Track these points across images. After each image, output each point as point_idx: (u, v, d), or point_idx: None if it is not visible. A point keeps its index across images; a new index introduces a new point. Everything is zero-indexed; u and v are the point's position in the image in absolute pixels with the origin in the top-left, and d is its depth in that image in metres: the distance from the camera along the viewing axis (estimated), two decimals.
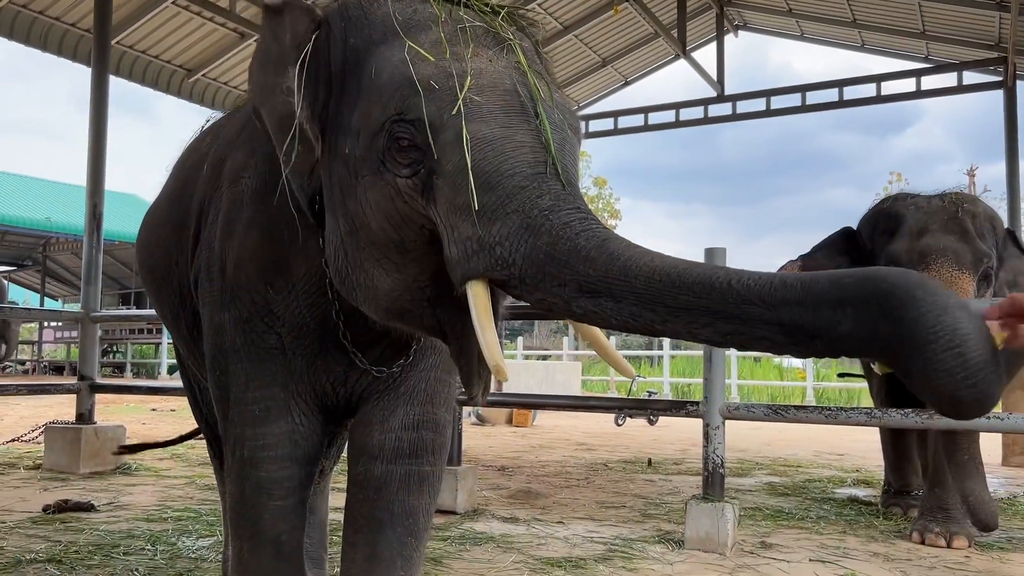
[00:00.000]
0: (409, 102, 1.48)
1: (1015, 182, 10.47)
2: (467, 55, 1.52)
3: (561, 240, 1.35)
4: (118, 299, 23.85)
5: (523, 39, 1.66)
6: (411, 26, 1.59)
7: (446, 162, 1.45)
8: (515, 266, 1.39)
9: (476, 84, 1.48)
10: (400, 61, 1.53)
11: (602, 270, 1.32)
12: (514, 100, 1.49)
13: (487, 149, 1.43)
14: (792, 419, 3.93)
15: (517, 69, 1.54)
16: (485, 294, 1.44)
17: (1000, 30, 10.00)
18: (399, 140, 1.49)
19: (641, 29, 12.34)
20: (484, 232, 1.41)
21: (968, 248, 3.91)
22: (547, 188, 1.41)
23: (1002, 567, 3.54)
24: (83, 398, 5.91)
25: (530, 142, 1.45)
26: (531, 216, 1.39)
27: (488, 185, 1.42)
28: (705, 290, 1.25)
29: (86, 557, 3.32)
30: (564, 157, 1.48)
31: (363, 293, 1.62)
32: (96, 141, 6.41)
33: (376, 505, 1.94)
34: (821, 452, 7.92)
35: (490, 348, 1.42)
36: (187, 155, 2.49)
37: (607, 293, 1.32)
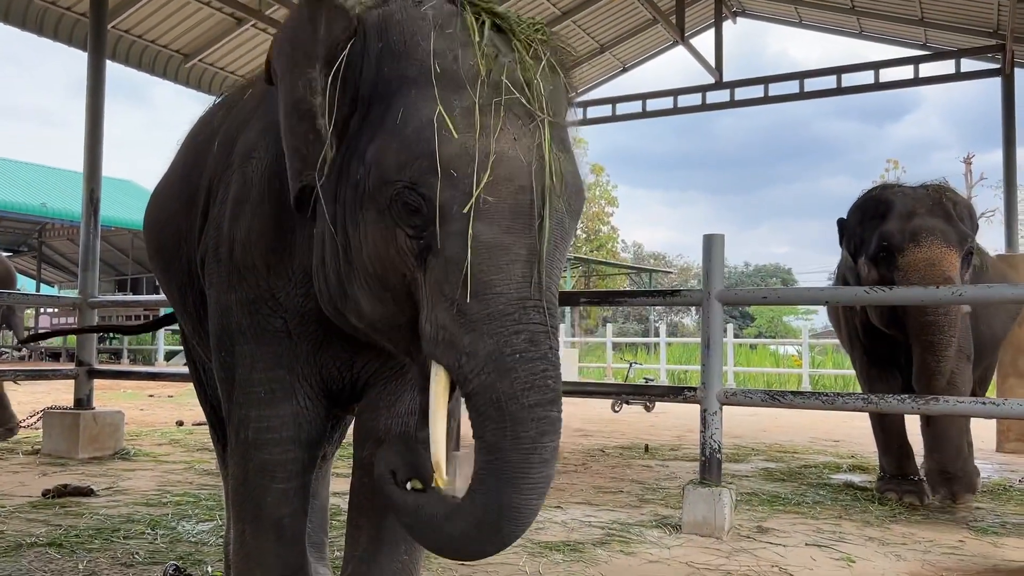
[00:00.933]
0: (426, 179, 1.47)
1: (1011, 170, 10.47)
2: (495, 129, 1.49)
3: (514, 402, 1.43)
4: (114, 285, 23.83)
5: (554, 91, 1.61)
6: (448, 77, 1.53)
7: (445, 251, 1.47)
8: (471, 384, 1.46)
9: (494, 175, 1.47)
10: (428, 122, 1.49)
11: (514, 456, 1.43)
12: (524, 200, 1.49)
13: (484, 256, 1.46)
14: (789, 405, 3.96)
15: (539, 153, 1.51)
16: (446, 380, 1.52)
17: (998, 17, 9.97)
18: (407, 204, 1.50)
19: (639, 15, 12.29)
20: (458, 335, 1.47)
21: (953, 229, 4.24)
22: (526, 323, 1.46)
23: (996, 551, 3.58)
24: (81, 384, 5.92)
25: (525, 256, 1.48)
26: (503, 352, 1.44)
27: (475, 293, 1.46)
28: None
29: (86, 541, 3.33)
30: (553, 264, 1.53)
31: (350, 304, 1.65)
32: (93, 127, 6.40)
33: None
34: (817, 438, 7.96)
35: (435, 442, 1.51)
36: (198, 130, 2.46)
37: (501, 471, 1.44)
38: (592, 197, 34.58)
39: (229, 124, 2.13)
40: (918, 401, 3.64)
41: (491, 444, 1.44)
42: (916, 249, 4.18)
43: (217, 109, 2.43)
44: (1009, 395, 6.66)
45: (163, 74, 9.97)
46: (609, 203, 34.95)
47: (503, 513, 1.44)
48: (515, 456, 1.43)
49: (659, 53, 13.64)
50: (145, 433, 7.07)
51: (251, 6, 9.15)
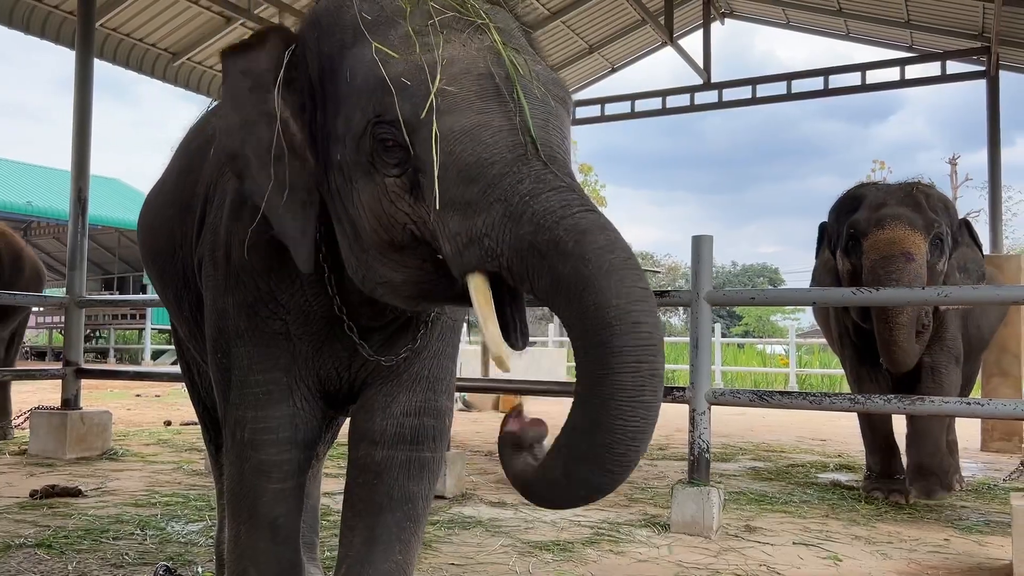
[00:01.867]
0: (384, 103, 1.47)
1: (996, 171, 10.56)
2: (437, 44, 1.50)
3: (542, 229, 1.34)
4: (101, 284, 23.66)
5: (499, 13, 1.63)
6: (379, 24, 1.57)
7: (427, 161, 1.44)
8: (503, 256, 1.39)
9: (448, 73, 1.46)
10: (371, 61, 1.51)
11: (571, 270, 1.31)
12: (488, 84, 1.47)
13: (465, 140, 1.42)
14: (777, 404, 3.99)
15: (491, 50, 1.51)
16: (485, 285, 1.43)
17: (983, 20, 10.06)
18: (382, 141, 1.49)
19: (628, 16, 12.32)
20: (471, 225, 1.41)
21: (920, 216, 4.28)
22: (527, 171, 1.40)
23: (980, 549, 3.62)
24: (69, 383, 5.89)
25: (507, 125, 1.43)
26: (512, 203, 1.38)
27: (470, 177, 1.41)
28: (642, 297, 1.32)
29: (75, 542, 3.32)
30: (549, 132, 1.47)
31: (384, 288, 1.62)
32: (81, 125, 6.36)
33: (376, 490, 1.96)
34: (804, 438, 8.01)
35: (492, 341, 1.43)
36: (192, 136, 2.47)
37: (575, 289, 1.31)
38: None
39: None
40: (904, 401, 3.68)
41: (554, 278, 1.32)
42: (879, 231, 4.24)
43: (211, 116, 2.43)
44: (993, 394, 6.73)
45: (151, 73, 9.93)
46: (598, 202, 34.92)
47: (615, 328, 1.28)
48: (587, 267, 1.30)
49: (648, 54, 13.69)
50: (133, 433, 7.04)
51: (240, 5, 9.12)
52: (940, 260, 4.34)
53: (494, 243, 1.39)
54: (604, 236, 1.34)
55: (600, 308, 1.29)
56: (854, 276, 4.41)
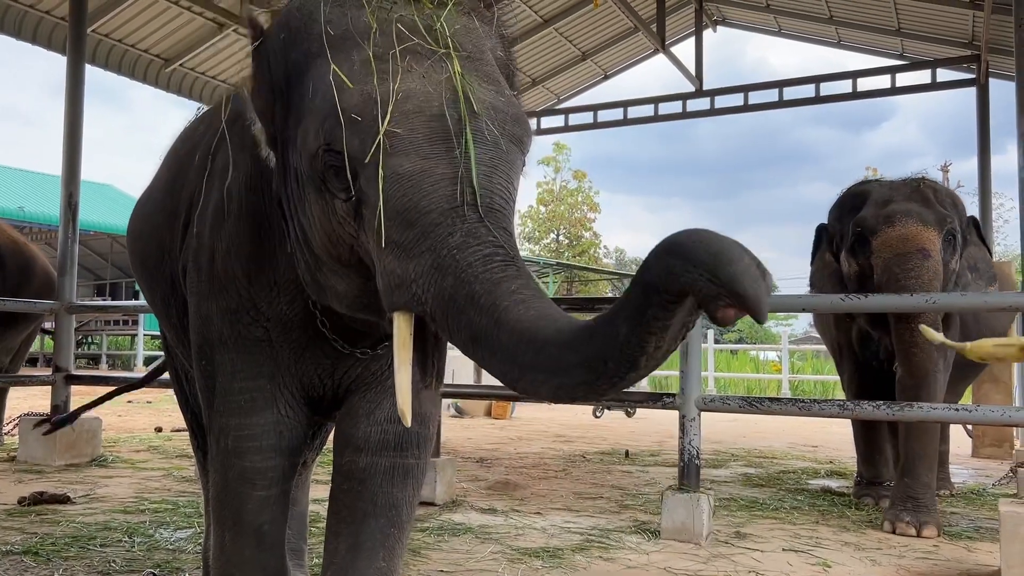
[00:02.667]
0: (334, 134, 1.48)
1: (987, 178, 10.60)
2: (396, 73, 1.48)
3: (462, 283, 1.36)
4: (93, 290, 23.57)
5: (471, 33, 1.60)
6: (344, 40, 1.56)
7: (369, 197, 1.46)
8: (427, 304, 1.40)
9: (401, 110, 1.45)
10: (328, 86, 1.51)
11: (484, 321, 1.32)
12: (439, 126, 1.46)
13: (407, 185, 1.43)
14: (767, 411, 3.99)
15: (451, 83, 1.49)
16: (407, 328, 1.46)
17: (974, 28, 10.12)
18: (331, 167, 1.50)
19: (621, 23, 12.35)
20: (404, 268, 1.42)
21: (931, 211, 4.09)
22: (459, 224, 1.40)
23: (969, 555, 3.62)
24: (58, 390, 5.87)
25: (450, 174, 1.43)
26: (440, 255, 1.39)
27: (407, 222, 1.42)
28: (543, 344, 1.26)
29: (63, 549, 3.30)
30: (492, 180, 1.46)
31: (328, 292, 1.66)
32: (72, 130, 6.34)
33: (360, 496, 1.96)
34: (795, 444, 8.02)
35: (401, 389, 1.46)
36: (180, 144, 2.48)
37: (485, 345, 1.33)
38: (575, 203, 34.67)
39: (210, 137, 2.14)
40: (893, 407, 3.68)
41: (466, 329, 1.34)
42: (890, 229, 4.06)
43: (199, 123, 2.45)
44: (984, 400, 6.75)
45: (143, 78, 9.90)
46: (591, 209, 35.03)
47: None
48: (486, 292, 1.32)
49: (640, 61, 13.72)
50: (123, 439, 7.01)
51: (232, 11, 9.11)
52: (953, 258, 4.16)
53: (420, 291, 1.41)
54: (516, 283, 1.35)
55: (511, 356, 1.30)
56: (861, 277, 4.23)
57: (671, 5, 11.92)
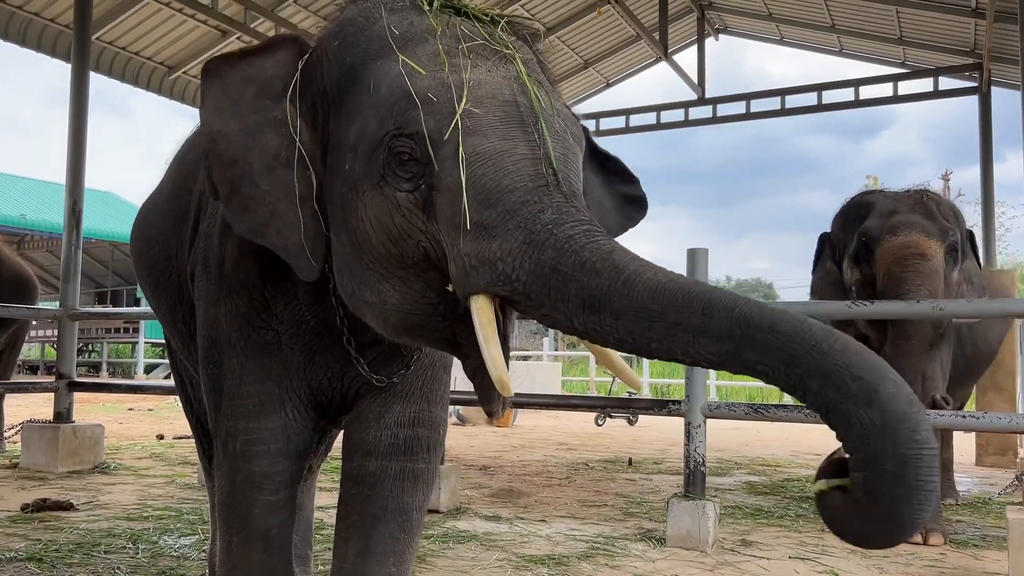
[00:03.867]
0: (407, 116, 1.47)
1: (989, 186, 10.63)
2: (465, 66, 1.51)
3: (566, 253, 1.34)
4: (94, 297, 23.58)
5: (523, 49, 1.64)
6: (408, 39, 1.58)
7: (445, 178, 1.44)
8: (519, 281, 1.38)
9: (475, 95, 1.47)
10: (397, 75, 1.51)
11: (606, 283, 1.30)
12: (513, 111, 1.47)
13: (487, 164, 1.42)
14: (773, 418, 3.98)
15: (516, 80, 1.52)
16: (489, 308, 1.43)
17: (976, 36, 10.15)
18: (399, 154, 1.48)
19: (623, 32, 12.40)
20: (485, 248, 1.39)
21: (934, 224, 4.14)
22: (549, 202, 1.40)
23: (976, 563, 3.61)
24: (61, 397, 5.86)
25: (530, 155, 1.44)
26: (534, 231, 1.37)
27: (489, 201, 1.41)
28: (710, 309, 1.23)
29: (66, 556, 3.29)
30: (566, 167, 1.47)
31: (371, 310, 1.60)
32: (76, 138, 6.36)
33: (370, 501, 1.95)
34: (799, 452, 8.00)
35: (494, 362, 1.41)
36: (187, 148, 2.46)
37: (608, 308, 1.30)
38: None
39: None
40: None
41: (580, 297, 1.32)
42: (893, 238, 4.10)
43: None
44: (988, 408, 6.73)
45: (147, 86, 9.95)
46: None
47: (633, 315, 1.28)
48: (603, 282, 1.30)
49: (642, 69, 13.77)
50: (125, 447, 7.00)
51: (236, 19, 9.15)
52: (954, 269, 4.20)
53: (510, 268, 1.38)
54: (629, 253, 1.35)
55: (647, 307, 1.27)
56: (864, 285, 4.27)
57: (673, 13, 11.97)
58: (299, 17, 9.68)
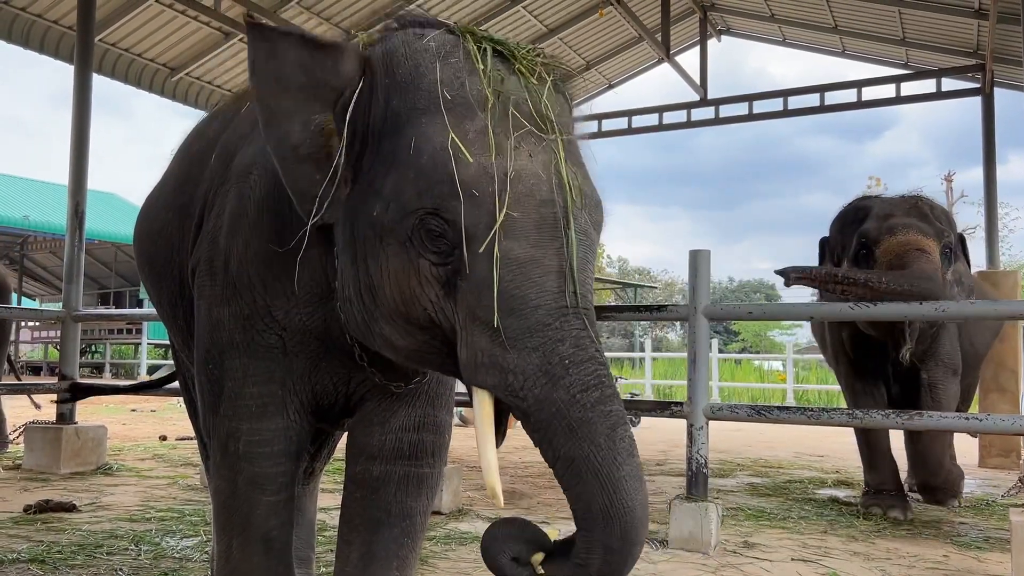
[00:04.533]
0: (448, 204, 1.48)
1: (992, 188, 10.61)
2: (510, 151, 1.50)
3: (576, 406, 1.42)
4: (97, 299, 23.62)
5: (562, 112, 1.64)
6: (458, 104, 1.55)
7: (474, 272, 1.47)
8: (524, 401, 1.45)
9: (515, 191, 1.48)
10: (442, 148, 1.50)
11: (598, 462, 1.40)
12: (548, 213, 1.50)
13: (516, 271, 1.46)
14: (775, 420, 3.97)
15: (555, 167, 1.53)
16: (490, 405, 1.50)
17: (978, 37, 10.13)
18: (431, 230, 1.50)
19: (625, 33, 12.40)
20: (499, 355, 1.46)
21: (929, 225, 4.29)
22: (568, 330, 1.45)
23: (979, 565, 3.60)
24: (64, 398, 5.85)
25: (557, 267, 1.48)
26: (551, 362, 1.43)
27: (512, 310, 1.45)
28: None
29: (69, 557, 3.30)
30: (585, 274, 1.52)
31: (381, 342, 1.65)
32: (79, 139, 6.37)
33: (374, 505, 1.95)
34: (801, 454, 7.99)
35: (489, 468, 1.50)
36: (192, 141, 2.44)
37: (586, 479, 1.40)
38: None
39: (228, 136, 2.10)
40: (902, 416, 3.67)
41: (569, 455, 1.41)
42: (892, 238, 4.21)
43: (212, 120, 2.40)
44: (991, 410, 6.71)
45: (149, 87, 9.96)
46: None
47: (622, 522, 1.39)
48: (600, 457, 1.40)
49: (645, 70, 13.76)
50: (128, 448, 7.01)
51: (238, 20, 9.15)
52: (948, 270, 4.32)
53: (519, 386, 1.45)
54: (629, 440, 1.45)
55: (608, 527, 1.40)
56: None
57: (676, 14, 11.95)
58: (301, 19, 9.69)
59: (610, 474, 1.40)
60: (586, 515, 1.41)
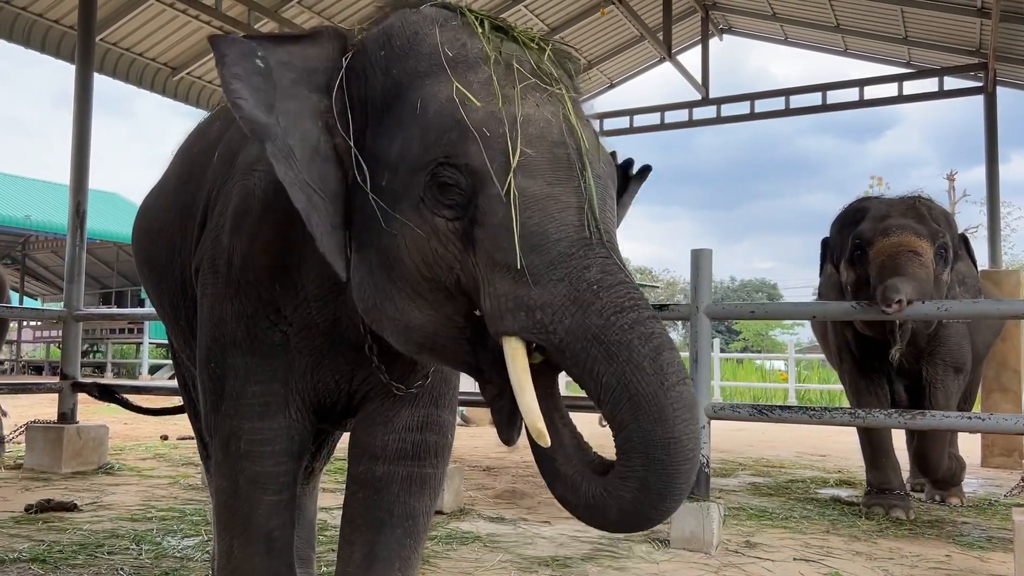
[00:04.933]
0: (458, 147, 1.45)
1: (994, 187, 10.60)
2: (516, 99, 1.48)
3: (613, 329, 1.34)
4: (99, 298, 23.62)
5: (565, 81, 1.62)
6: (460, 62, 1.54)
7: (491, 216, 1.43)
8: (555, 335, 1.37)
9: (525, 133, 1.45)
10: (448, 100, 1.48)
11: (644, 386, 1.31)
12: (562, 153, 1.47)
13: (534, 208, 1.41)
14: (777, 419, 3.97)
15: (563, 117, 1.51)
16: (523, 352, 1.42)
17: (981, 36, 10.12)
18: (443, 183, 1.46)
19: (627, 32, 12.40)
20: (524, 293, 1.39)
21: (924, 226, 4.30)
22: (594, 258, 1.40)
23: (982, 565, 3.59)
24: (65, 397, 5.86)
25: (576, 203, 1.44)
26: (579, 289, 1.37)
27: (533, 247, 1.40)
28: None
29: (70, 556, 3.29)
30: (606, 215, 1.48)
31: (392, 325, 1.57)
32: (80, 139, 6.37)
33: (376, 505, 1.94)
34: (803, 453, 7.98)
35: (530, 413, 1.40)
36: (194, 140, 2.43)
37: (630, 407, 1.32)
38: None
39: (231, 135, 2.08)
40: (904, 416, 3.66)
41: (609, 382, 1.33)
42: (885, 239, 4.23)
43: (214, 120, 2.39)
44: (993, 410, 6.70)
45: (150, 87, 9.97)
46: None
47: (666, 453, 1.29)
48: (643, 382, 1.31)
49: (646, 69, 13.76)
50: (129, 447, 7.01)
51: (240, 20, 9.16)
52: (944, 271, 4.33)
53: (548, 320, 1.37)
54: (677, 365, 1.35)
55: (660, 439, 1.31)
56: (858, 286, 4.38)
57: (677, 13, 11.94)
58: (303, 18, 9.70)
59: (655, 399, 1.30)
60: (624, 446, 1.32)
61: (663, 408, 1.30)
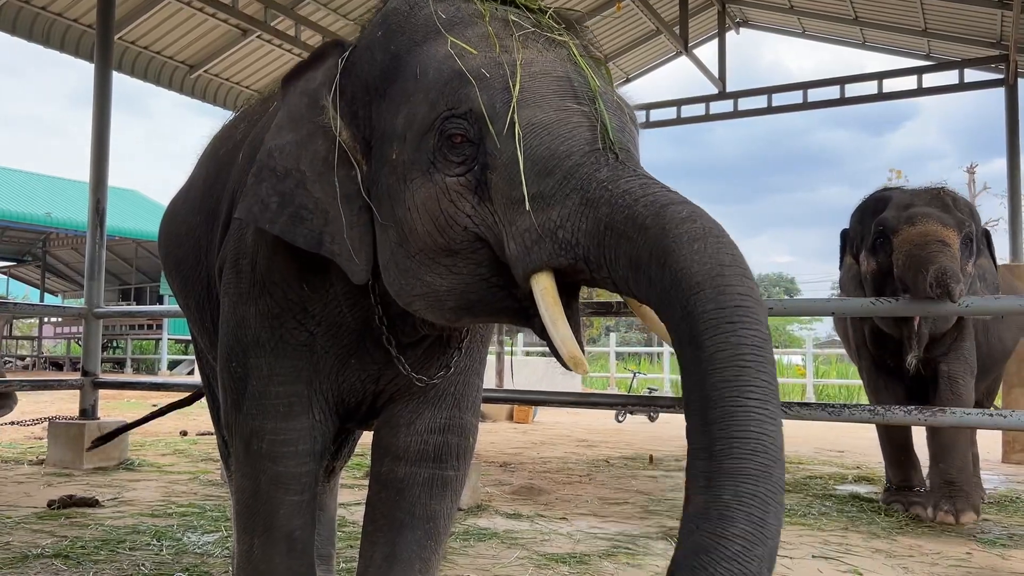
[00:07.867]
0: (460, 94, 1.45)
1: (1016, 180, 10.46)
2: (516, 47, 1.49)
3: (619, 208, 1.29)
4: (118, 295, 23.82)
5: (571, 37, 1.62)
6: (455, 23, 1.57)
7: (501, 153, 1.41)
8: (579, 246, 1.34)
9: (528, 72, 1.44)
10: (446, 56, 1.50)
11: (652, 241, 1.24)
12: (567, 85, 1.45)
13: (542, 134, 1.39)
14: (796, 416, 3.93)
15: (569, 59, 1.50)
16: (552, 284, 1.39)
17: (1002, 28, 9.99)
18: (451, 137, 1.46)
19: (643, 26, 12.33)
20: (544, 219, 1.36)
21: (950, 215, 4.21)
22: (604, 161, 1.36)
23: (1003, 563, 3.56)
24: (86, 394, 5.92)
25: (586, 123, 1.41)
26: (589, 190, 1.33)
27: (545, 171, 1.38)
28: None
29: (92, 552, 3.33)
30: (624, 135, 1.44)
31: (424, 301, 1.57)
32: (99, 137, 6.41)
33: (398, 506, 1.94)
34: (821, 449, 7.94)
35: (565, 344, 1.38)
36: (218, 143, 2.45)
37: (647, 270, 1.25)
38: None
39: (255, 136, 2.09)
40: (925, 413, 3.63)
41: (633, 260, 1.27)
42: (911, 227, 4.13)
43: (238, 122, 2.41)
44: (1015, 406, 6.64)
45: (168, 85, 10.02)
46: None
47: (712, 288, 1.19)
48: (667, 238, 1.23)
49: (662, 64, 13.68)
50: (149, 443, 7.07)
51: (257, 17, 9.19)
52: (969, 262, 4.23)
53: (569, 234, 1.35)
54: (686, 208, 1.27)
55: (684, 276, 1.20)
56: (879, 275, 4.30)
57: (694, 7, 11.87)
58: (319, 15, 9.71)
59: (659, 241, 1.23)
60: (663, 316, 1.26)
61: (672, 239, 1.23)
